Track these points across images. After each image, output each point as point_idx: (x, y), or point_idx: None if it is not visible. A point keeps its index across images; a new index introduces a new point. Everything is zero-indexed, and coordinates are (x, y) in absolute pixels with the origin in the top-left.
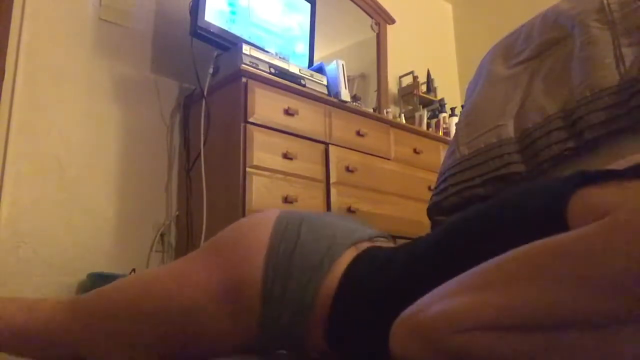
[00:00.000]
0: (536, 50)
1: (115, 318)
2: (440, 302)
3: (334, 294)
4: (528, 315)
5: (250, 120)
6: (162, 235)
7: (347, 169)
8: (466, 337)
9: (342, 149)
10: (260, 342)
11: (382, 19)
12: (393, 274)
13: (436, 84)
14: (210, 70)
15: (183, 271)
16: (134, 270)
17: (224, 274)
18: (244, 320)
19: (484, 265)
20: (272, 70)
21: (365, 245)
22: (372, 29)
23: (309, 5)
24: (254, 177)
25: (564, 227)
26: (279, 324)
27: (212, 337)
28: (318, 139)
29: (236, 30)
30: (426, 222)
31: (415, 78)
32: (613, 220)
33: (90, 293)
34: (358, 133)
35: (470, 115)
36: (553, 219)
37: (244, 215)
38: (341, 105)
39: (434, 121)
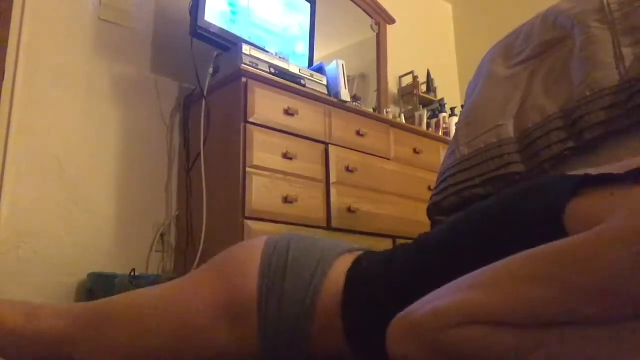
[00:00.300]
0: (536, 50)
1: (117, 332)
2: (435, 302)
3: (342, 294)
4: (523, 312)
5: (250, 120)
6: (162, 235)
7: (347, 169)
8: (460, 332)
9: (342, 149)
10: (263, 356)
11: (382, 19)
12: (396, 273)
13: (436, 84)
14: (210, 70)
15: (184, 292)
16: (134, 270)
17: (220, 296)
18: (245, 338)
19: (483, 270)
20: (272, 70)
21: (358, 253)
22: (372, 29)
23: (309, 5)
24: (254, 177)
25: (561, 230)
26: (278, 339)
27: (214, 355)
28: (318, 139)
29: (236, 30)
30: (426, 222)
31: (415, 78)
32: (609, 227)
33: (92, 303)
34: (358, 133)
35: (470, 115)
36: (551, 223)
37: (244, 215)
38: (341, 105)
39: (434, 121)
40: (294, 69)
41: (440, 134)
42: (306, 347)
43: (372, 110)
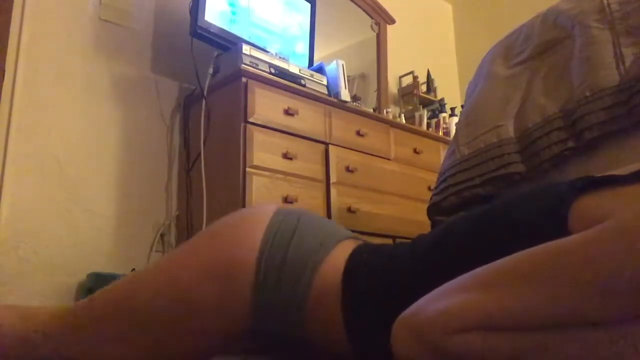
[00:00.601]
0: (536, 51)
1: (112, 318)
2: (438, 302)
3: (342, 279)
4: (526, 315)
5: (250, 120)
6: (162, 235)
7: (347, 169)
8: (463, 338)
9: (342, 149)
10: (253, 330)
11: (382, 19)
12: (395, 269)
13: (436, 84)
14: (210, 70)
15: (179, 256)
16: (134, 270)
17: (218, 254)
18: (236, 308)
19: (485, 267)
20: (272, 70)
21: (359, 242)
22: (372, 29)
23: (309, 5)
24: (254, 177)
25: (565, 232)
26: (272, 312)
27: (204, 327)
28: (318, 139)
29: (236, 30)
30: (426, 222)
31: (415, 78)
32: (611, 226)
33: (85, 300)
34: (358, 133)
35: (470, 115)
36: (555, 225)
37: None
38: (341, 105)
39: (434, 121)
40: (294, 69)
41: (440, 134)
42: (300, 323)
43: (372, 110)
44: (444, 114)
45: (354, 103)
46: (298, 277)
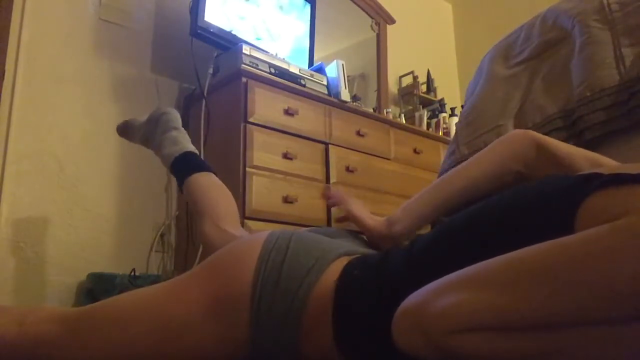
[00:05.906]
0: (536, 50)
1: (108, 333)
2: (444, 297)
3: (333, 297)
4: (533, 316)
5: (250, 120)
6: (162, 235)
7: (347, 169)
8: (467, 337)
9: (342, 149)
10: (252, 353)
11: (382, 19)
12: (390, 272)
13: (436, 84)
14: (210, 70)
15: (176, 290)
16: (134, 270)
17: (215, 289)
18: (235, 336)
19: (492, 262)
20: (272, 70)
21: (354, 257)
22: (372, 29)
23: (309, 5)
24: (254, 177)
25: (572, 232)
26: (269, 334)
27: (203, 355)
28: (318, 139)
29: (236, 30)
30: None
31: (415, 78)
32: (624, 225)
33: (87, 306)
34: (358, 133)
35: (470, 115)
36: (562, 224)
37: (244, 215)
38: (341, 105)
39: (434, 121)
40: (294, 69)
41: (440, 134)
42: (295, 347)
43: (372, 110)
44: (444, 114)
45: (354, 103)
46: (292, 301)
